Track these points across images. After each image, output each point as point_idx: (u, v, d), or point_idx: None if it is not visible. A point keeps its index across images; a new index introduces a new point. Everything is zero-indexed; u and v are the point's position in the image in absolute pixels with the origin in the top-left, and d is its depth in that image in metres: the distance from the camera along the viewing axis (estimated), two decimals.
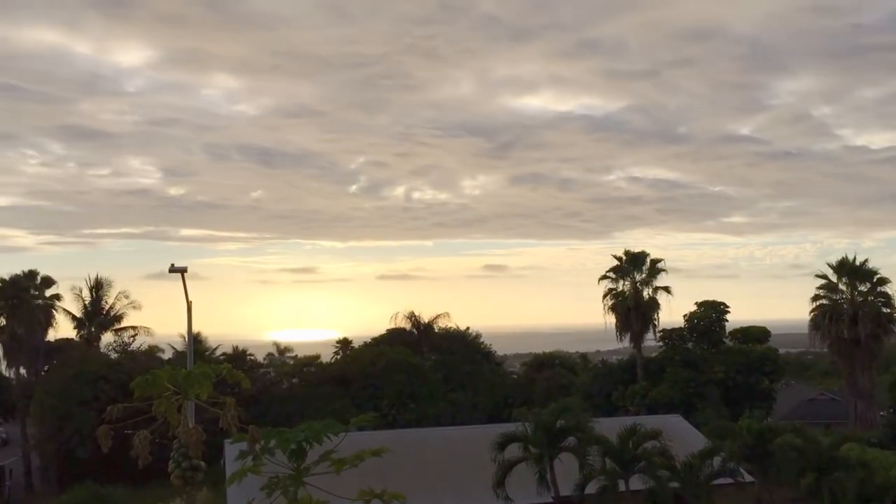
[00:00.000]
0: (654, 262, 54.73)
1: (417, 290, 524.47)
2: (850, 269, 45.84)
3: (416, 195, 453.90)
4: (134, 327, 54.00)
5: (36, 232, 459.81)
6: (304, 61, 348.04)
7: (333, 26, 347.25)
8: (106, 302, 53.57)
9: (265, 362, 60.39)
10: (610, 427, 26.94)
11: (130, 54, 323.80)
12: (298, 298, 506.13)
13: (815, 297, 46.57)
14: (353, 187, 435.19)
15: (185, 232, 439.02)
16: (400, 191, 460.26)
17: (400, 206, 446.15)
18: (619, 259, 55.01)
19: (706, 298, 57.93)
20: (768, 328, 60.83)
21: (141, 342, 54.98)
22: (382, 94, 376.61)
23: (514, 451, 26.28)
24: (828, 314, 45.43)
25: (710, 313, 58.36)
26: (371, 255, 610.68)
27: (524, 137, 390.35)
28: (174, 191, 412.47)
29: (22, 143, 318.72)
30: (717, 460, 25.94)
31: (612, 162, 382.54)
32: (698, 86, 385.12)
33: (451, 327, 57.63)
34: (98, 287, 53.46)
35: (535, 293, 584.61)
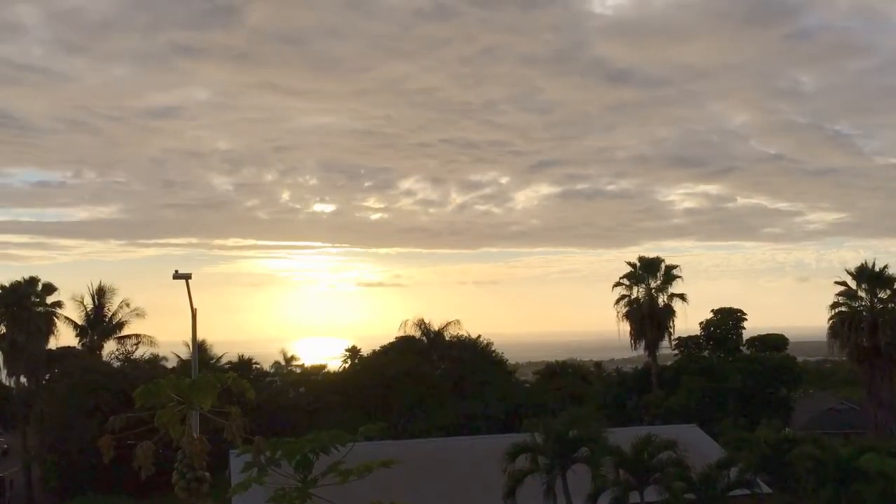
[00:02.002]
0: (670, 268, 54.08)
1: (447, 296, 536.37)
2: (869, 276, 45.13)
3: (471, 208, 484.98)
4: (137, 335, 53.12)
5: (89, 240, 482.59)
6: (367, 90, 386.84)
7: (392, 63, 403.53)
8: (108, 309, 52.76)
9: (271, 371, 59.95)
10: (624, 437, 26.57)
11: (210, 84, 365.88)
12: (332, 306, 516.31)
13: (834, 305, 45.86)
14: (410, 200, 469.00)
15: (243, 241, 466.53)
16: (454, 203, 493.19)
17: (454, 219, 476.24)
18: (633, 265, 54.39)
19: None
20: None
21: (144, 351, 54.14)
22: (438, 115, 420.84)
23: (525, 461, 25.99)
24: (847, 322, 44.74)
25: (727, 320, 57.66)
26: (417, 261, 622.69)
27: (572, 157, 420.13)
28: (249, 203, 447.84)
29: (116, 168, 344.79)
30: (733, 471, 25.56)
31: (659, 179, 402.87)
32: (737, 111, 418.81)
33: (461, 335, 57.25)
34: (101, 294, 52.61)
35: (568, 300, 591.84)
